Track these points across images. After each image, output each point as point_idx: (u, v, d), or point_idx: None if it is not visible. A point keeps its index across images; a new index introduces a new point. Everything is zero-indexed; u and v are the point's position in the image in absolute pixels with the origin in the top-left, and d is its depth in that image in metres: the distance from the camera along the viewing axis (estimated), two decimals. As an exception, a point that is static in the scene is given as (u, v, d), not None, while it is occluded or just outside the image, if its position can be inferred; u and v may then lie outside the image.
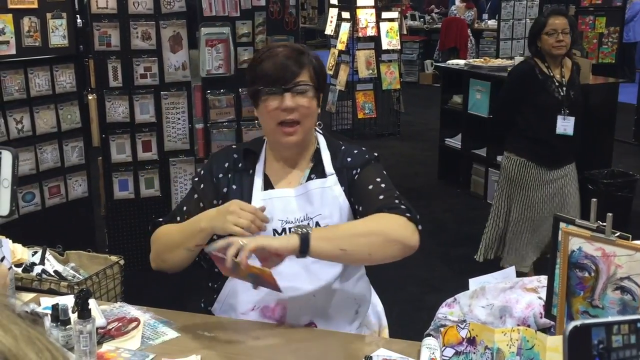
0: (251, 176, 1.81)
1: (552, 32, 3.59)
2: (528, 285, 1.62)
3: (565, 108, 3.66)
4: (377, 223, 1.65)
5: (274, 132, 1.76)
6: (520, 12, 8.18)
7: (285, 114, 1.72)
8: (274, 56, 1.73)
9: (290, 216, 1.76)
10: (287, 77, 1.71)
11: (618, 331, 0.68)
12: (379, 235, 1.62)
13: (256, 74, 1.75)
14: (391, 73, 7.73)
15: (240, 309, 1.78)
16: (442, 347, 1.50)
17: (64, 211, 4.04)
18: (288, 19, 4.14)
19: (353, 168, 1.81)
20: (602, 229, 1.33)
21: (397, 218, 1.65)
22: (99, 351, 1.58)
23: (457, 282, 2.03)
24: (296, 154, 1.83)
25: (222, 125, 4.12)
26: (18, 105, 3.78)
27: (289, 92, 1.71)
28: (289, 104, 1.71)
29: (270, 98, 1.72)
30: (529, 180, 3.80)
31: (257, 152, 1.85)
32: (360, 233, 1.63)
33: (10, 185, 1.00)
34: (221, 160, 1.86)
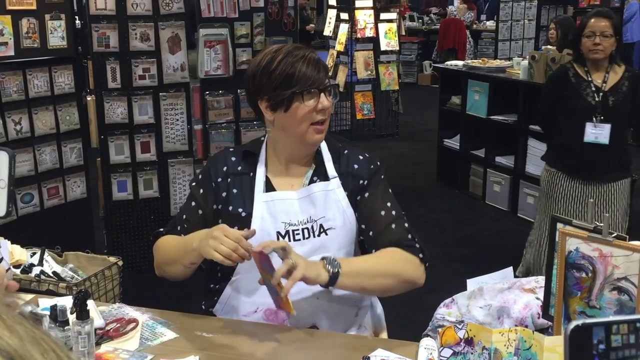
0: (252, 178, 1.81)
1: (590, 34, 3.35)
2: (526, 285, 1.63)
3: (598, 114, 3.38)
4: (395, 265, 1.74)
5: (305, 133, 1.75)
6: (519, 13, 8.20)
7: (319, 115, 1.74)
8: (301, 58, 1.72)
9: (294, 219, 1.77)
10: (321, 78, 1.73)
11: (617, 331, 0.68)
12: (396, 277, 1.73)
13: (284, 77, 1.71)
14: (390, 74, 7.73)
15: (242, 311, 1.79)
16: (440, 348, 1.50)
17: (63, 212, 4.04)
18: (287, 20, 4.14)
19: (360, 178, 1.83)
20: (599, 230, 1.34)
21: (412, 260, 1.76)
22: (97, 352, 1.58)
23: (455, 282, 2.03)
24: (303, 155, 1.83)
25: (221, 126, 4.12)
26: (17, 107, 3.78)
27: (324, 93, 1.73)
28: (327, 104, 1.74)
29: (308, 99, 1.72)
30: (560, 192, 3.52)
31: (256, 154, 1.84)
32: (380, 274, 1.72)
33: (7, 186, 1.00)
34: (219, 163, 1.85)
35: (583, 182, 3.46)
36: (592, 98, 3.41)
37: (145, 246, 4.15)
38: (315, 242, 1.77)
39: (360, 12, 7.59)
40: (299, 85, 1.71)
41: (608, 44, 3.35)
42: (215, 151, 4.10)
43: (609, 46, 3.36)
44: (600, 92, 3.41)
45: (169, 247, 1.81)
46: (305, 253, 1.75)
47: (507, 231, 5.07)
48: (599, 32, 3.33)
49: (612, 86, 3.41)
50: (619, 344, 0.69)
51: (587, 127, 3.40)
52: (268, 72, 1.73)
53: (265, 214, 1.76)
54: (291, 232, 1.76)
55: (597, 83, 3.42)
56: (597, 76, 3.44)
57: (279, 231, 1.76)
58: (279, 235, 1.76)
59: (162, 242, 1.86)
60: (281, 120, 1.76)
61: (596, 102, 3.40)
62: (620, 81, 3.42)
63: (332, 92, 1.76)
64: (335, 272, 1.61)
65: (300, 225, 1.77)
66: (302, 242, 1.77)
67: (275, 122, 1.77)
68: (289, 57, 1.73)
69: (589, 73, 3.44)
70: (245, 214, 1.77)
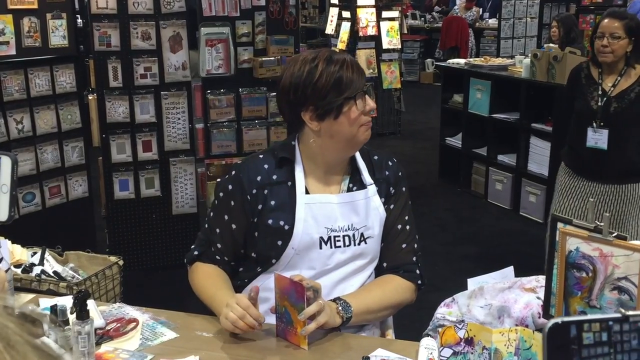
0: (291, 188, 1.78)
1: (600, 35, 3.24)
2: (526, 285, 1.62)
3: (598, 119, 3.31)
4: (396, 297, 1.82)
5: (356, 135, 1.75)
6: (521, 11, 8.18)
7: (366, 117, 1.75)
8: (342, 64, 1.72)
9: (335, 224, 1.77)
10: (363, 80, 1.75)
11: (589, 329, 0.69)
12: (395, 308, 1.85)
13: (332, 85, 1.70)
14: (392, 72, 7.72)
15: (270, 306, 1.78)
16: (440, 347, 1.50)
17: (65, 211, 4.04)
18: (288, 19, 4.14)
19: (390, 185, 1.87)
20: (599, 229, 1.33)
21: (410, 288, 1.85)
22: (97, 352, 1.58)
23: (457, 281, 2.03)
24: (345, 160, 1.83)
25: (222, 125, 4.11)
26: (18, 106, 3.78)
27: (367, 94, 1.75)
28: (372, 105, 1.76)
29: (358, 102, 1.73)
30: (569, 188, 3.51)
31: (292, 160, 1.80)
32: (383, 308, 1.80)
33: (9, 191, 1.00)
34: (251, 173, 1.79)
35: (589, 182, 3.43)
36: (596, 102, 3.33)
37: (146, 245, 4.16)
38: (355, 250, 1.79)
39: (362, 11, 7.58)
40: (349, 90, 1.71)
41: (618, 46, 3.23)
42: (216, 150, 4.10)
43: (619, 48, 3.24)
44: (605, 97, 3.32)
45: (202, 290, 1.81)
46: (344, 260, 1.78)
47: (509, 230, 5.06)
48: (608, 33, 3.22)
49: (620, 92, 3.30)
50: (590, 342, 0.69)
51: (588, 132, 3.35)
52: (312, 82, 1.70)
53: (309, 217, 1.75)
54: (333, 238, 1.76)
55: (606, 87, 3.32)
56: (609, 79, 3.34)
57: (321, 236, 1.76)
58: (321, 240, 1.75)
59: (195, 275, 1.85)
60: (330, 128, 1.73)
61: (598, 107, 3.32)
62: (631, 86, 3.29)
63: (372, 92, 1.79)
64: (348, 318, 1.68)
65: (341, 232, 1.77)
66: (342, 249, 1.77)
67: (322, 131, 1.74)
68: (330, 64, 1.71)
69: (601, 75, 3.34)
70: (287, 227, 1.75)
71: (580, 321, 0.69)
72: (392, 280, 1.83)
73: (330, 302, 1.67)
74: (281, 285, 1.62)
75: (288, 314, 1.61)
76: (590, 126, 3.33)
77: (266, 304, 1.73)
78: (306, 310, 1.57)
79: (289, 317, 1.61)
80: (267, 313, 1.73)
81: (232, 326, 1.61)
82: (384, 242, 1.85)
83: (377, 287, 1.81)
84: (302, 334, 1.59)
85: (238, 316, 1.59)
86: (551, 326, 0.69)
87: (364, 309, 1.73)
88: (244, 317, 1.59)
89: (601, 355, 0.69)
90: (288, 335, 1.64)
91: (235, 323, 1.60)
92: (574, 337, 0.68)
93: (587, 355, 0.68)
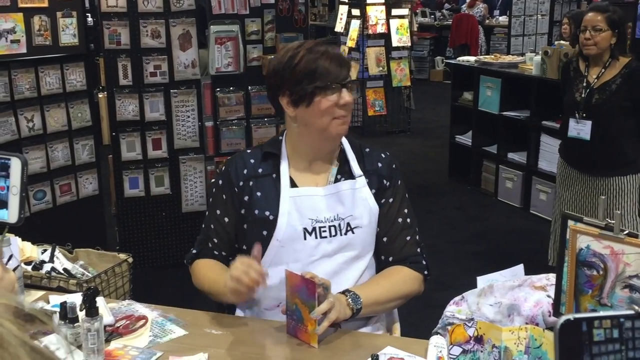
0: (275, 180, 1.80)
1: (583, 28, 3.34)
2: (536, 283, 1.61)
3: (580, 111, 3.43)
4: (405, 287, 1.82)
5: (328, 127, 1.75)
6: (532, 8, 8.13)
7: (340, 110, 1.74)
8: (322, 54, 1.73)
9: (320, 215, 1.77)
10: (343, 74, 1.74)
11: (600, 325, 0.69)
12: (403, 299, 1.84)
13: (306, 72, 1.72)
14: (401, 70, 7.71)
15: (265, 304, 1.80)
16: (450, 346, 1.49)
17: (75, 209, 4.06)
18: (297, 17, 4.13)
19: (383, 177, 1.86)
20: (610, 227, 1.32)
21: (417, 278, 1.85)
22: (106, 349, 1.59)
23: (467, 279, 2.02)
24: (326, 151, 1.83)
25: (232, 123, 4.12)
26: (29, 104, 3.80)
27: (345, 88, 1.74)
28: (348, 99, 1.74)
29: (329, 94, 1.73)
30: (563, 181, 3.63)
31: (277, 154, 1.84)
32: (392, 299, 1.81)
33: (19, 193, 1.00)
34: (239, 167, 1.84)
35: (580, 174, 3.54)
36: (580, 94, 3.44)
37: (156, 243, 4.17)
38: (342, 240, 1.78)
39: (371, 8, 7.57)
40: (321, 80, 1.72)
41: (600, 38, 3.31)
42: (226, 148, 4.11)
43: (602, 40, 3.32)
44: (588, 89, 3.41)
45: (204, 280, 1.83)
46: (331, 251, 1.77)
47: (519, 228, 5.04)
48: (591, 26, 3.31)
49: (602, 83, 3.38)
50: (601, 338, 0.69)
51: (570, 122, 3.48)
52: (290, 67, 1.74)
53: (292, 210, 1.76)
54: (318, 229, 1.77)
55: (591, 79, 3.42)
56: (594, 71, 3.43)
57: (305, 227, 1.76)
58: (305, 231, 1.76)
59: (196, 272, 1.88)
60: (303, 116, 1.76)
61: (581, 98, 3.43)
62: (613, 78, 3.36)
63: (354, 88, 1.78)
64: (358, 309, 1.68)
65: (327, 222, 1.77)
66: (329, 239, 1.77)
67: (298, 118, 1.77)
68: (310, 53, 1.74)
69: (587, 68, 3.44)
70: (272, 217, 1.77)
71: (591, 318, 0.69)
72: (399, 272, 1.83)
73: (340, 295, 1.68)
74: (292, 282, 1.62)
75: (299, 311, 1.61)
76: (573, 117, 3.45)
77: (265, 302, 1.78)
78: (318, 308, 1.57)
79: (300, 315, 1.61)
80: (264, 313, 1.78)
81: (237, 285, 1.61)
82: (387, 237, 1.85)
83: (385, 279, 1.81)
84: (316, 333, 1.59)
85: (242, 271, 1.60)
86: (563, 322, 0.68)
87: (373, 300, 1.73)
88: (248, 273, 1.60)
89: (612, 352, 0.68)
90: (299, 333, 1.64)
91: (239, 279, 1.59)
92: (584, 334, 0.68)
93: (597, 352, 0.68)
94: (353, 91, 1.77)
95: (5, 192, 1.01)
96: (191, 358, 1.56)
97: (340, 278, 1.78)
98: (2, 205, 1.02)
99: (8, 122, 3.70)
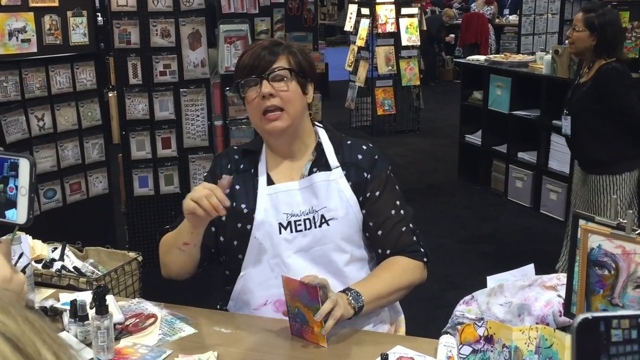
0: (253, 176, 1.81)
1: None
2: (547, 283, 1.60)
3: (566, 107, 3.56)
4: (406, 277, 1.79)
5: (261, 123, 1.75)
6: (542, 7, 8.10)
7: (266, 102, 1.72)
8: (250, 49, 1.77)
9: (296, 209, 1.76)
10: (262, 65, 1.73)
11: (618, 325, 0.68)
12: (406, 289, 1.81)
13: (236, 69, 1.78)
14: (411, 69, 7.69)
15: (253, 305, 1.79)
16: (460, 345, 1.49)
17: (85, 207, 4.07)
18: (307, 15, 4.13)
19: (363, 170, 1.82)
20: (622, 227, 1.31)
21: (418, 266, 1.82)
22: (116, 347, 1.59)
23: (476, 279, 2.01)
24: (291, 145, 1.81)
25: (241, 122, 4.12)
26: (39, 103, 3.82)
27: (265, 80, 1.72)
28: (265, 90, 1.71)
29: (250, 89, 1.73)
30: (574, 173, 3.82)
31: (257, 151, 1.85)
32: (395, 290, 1.77)
33: (27, 193, 1.01)
34: (223, 161, 1.87)
35: (579, 168, 3.66)
36: (571, 92, 3.57)
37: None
38: (316, 232, 1.76)
39: (381, 7, 7.56)
40: (238, 76, 1.75)
41: (577, 37, 3.37)
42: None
43: (577, 40, 3.37)
44: (572, 87, 3.57)
45: (168, 237, 1.83)
46: (307, 244, 1.76)
47: (529, 228, 5.02)
48: (573, 25, 3.42)
49: (582, 83, 3.47)
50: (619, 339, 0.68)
51: (562, 118, 3.61)
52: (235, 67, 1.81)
53: (269, 206, 1.76)
54: (293, 223, 1.76)
55: (582, 79, 3.51)
56: (583, 71, 3.52)
57: (280, 222, 1.76)
58: (280, 226, 1.75)
59: (165, 236, 1.87)
60: (248, 114, 1.81)
61: (569, 96, 3.56)
62: (588, 79, 3.42)
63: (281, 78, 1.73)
64: (360, 307, 1.67)
65: (302, 215, 1.76)
66: (304, 232, 1.76)
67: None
68: (248, 49, 1.79)
69: (582, 67, 3.57)
70: (247, 210, 1.77)
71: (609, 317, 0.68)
72: (399, 262, 1.80)
73: (341, 294, 1.66)
74: (290, 287, 1.60)
75: (302, 314, 1.60)
76: (563, 113, 3.59)
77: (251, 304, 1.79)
78: (321, 309, 1.56)
79: (304, 318, 1.60)
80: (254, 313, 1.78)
81: (193, 204, 1.59)
82: (381, 230, 1.81)
83: (385, 271, 1.79)
84: (323, 334, 1.58)
85: (204, 194, 1.58)
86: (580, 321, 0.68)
87: (375, 295, 1.71)
88: (210, 197, 1.58)
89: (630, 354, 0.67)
90: (305, 334, 1.63)
91: (199, 200, 1.58)
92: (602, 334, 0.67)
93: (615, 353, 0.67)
94: (279, 82, 1.72)
95: (14, 192, 1.01)
96: (200, 356, 1.56)
97: (321, 271, 1.75)
98: (11, 206, 1.02)
99: (19, 121, 3.72)
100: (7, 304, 0.50)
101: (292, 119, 1.75)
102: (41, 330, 0.50)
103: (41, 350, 0.48)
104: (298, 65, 1.76)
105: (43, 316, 0.52)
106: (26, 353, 0.47)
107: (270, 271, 1.77)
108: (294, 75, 1.75)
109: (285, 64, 1.74)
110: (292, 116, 1.74)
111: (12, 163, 1.01)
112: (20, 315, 0.49)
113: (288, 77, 1.73)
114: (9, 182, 1.02)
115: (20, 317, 0.49)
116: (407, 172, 6.31)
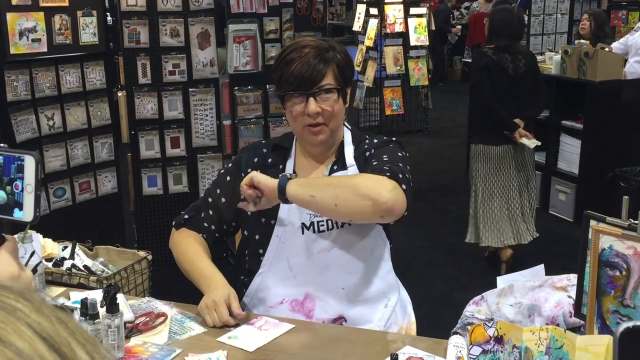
0: (281, 171, 1.81)
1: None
2: (557, 283, 1.60)
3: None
4: (350, 178, 1.69)
5: (302, 133, 1.77)
6: (551, 7, 8.06)
7: (308, 119, 1.72)
8: (300, 58, 1.70)
9: None
10: (311, 79, 1.69)
11: None
12: (347, 188, 1.60)
13: (281, 76, 1.72)
14: (419, 69, 7.68)
15: (269, 302, 1.80)
16: (469, 346, 1.48)
17: (94, 206, 4.09)
18: (315, 15, 4.13)
19: (368, 151, 1.82)
20: (633, 227, 1.30)
21: (373, 176, 1.62)
22: (127, 345, 1.59)
23: (485, 279, 2.01)
24: (325, 151, 1.83)
25: (250, 122, 4.13)
26: (49, 102, 3.83)
27: (312, 97, 1.70)
28: (312, 109, 1.70)
29: (296, 103, 1.72)
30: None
31: (288, 148, 1.86)
32: (331, 184, 1.65)
33: (33, 191, 1.01)
34: (251, 154, 1.88)
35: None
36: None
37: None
38: (338, 232, 1.77)
39: (389, 7, 7.55)
40: (285, 87, 1.72)
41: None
42: (243, 146, 4.12)
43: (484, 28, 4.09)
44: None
45: (185, 259, 1.87)
46: (329, 245, 1.76)
47: (538, 228, 4.99)
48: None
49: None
50: None
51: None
52: (275, 67, 1.77)
53: (292, 205, 1.76)
54: (315, 224, 1.77)
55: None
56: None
57: (304, 222, 1.77)
58: (303, 226, 1.76)
59: (181, 244, 1.90)
60: (287, 116, 1.80)
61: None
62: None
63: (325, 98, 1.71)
64: (283, 177, 1.63)
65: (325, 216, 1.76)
66: (327, 233, 1.77)
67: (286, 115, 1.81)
68: (292, 53, 1.72)
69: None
70: (272, 206, 1.77)
71: None
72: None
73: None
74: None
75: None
76: None
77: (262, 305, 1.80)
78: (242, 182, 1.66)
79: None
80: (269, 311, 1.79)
81: (206, 315, 1.69)
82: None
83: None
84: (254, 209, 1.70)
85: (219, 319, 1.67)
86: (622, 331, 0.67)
87: (307, 180, 1.73)
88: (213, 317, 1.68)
89: None
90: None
91: (214, 322, 1.68)
92: None
93: None
94: (326, 101, 1.70)
95: (20, 190, 1.02)
96: (210, 355, 1.57)
97: (341, 269, 1.76)
98: (17, 204, 1.02)
99: (29, 120, 3.74)
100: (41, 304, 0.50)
101: (333, 131, 1.77)
102: (75, 330, 0.50)
103: (76, 350, 0.49)
104: (343, 77, 1.75)
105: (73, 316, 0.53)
106: (61, 352, 0.48)
107: (289, 270, 1.77)
108: (340, 91, 1.74)
109: (333, 81, 1.72)
110: (332, 129, 1.76)
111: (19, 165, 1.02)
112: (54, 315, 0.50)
113: (335, 96, 1.72)
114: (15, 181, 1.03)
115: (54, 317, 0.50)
116: (415, 172, 6.24)
